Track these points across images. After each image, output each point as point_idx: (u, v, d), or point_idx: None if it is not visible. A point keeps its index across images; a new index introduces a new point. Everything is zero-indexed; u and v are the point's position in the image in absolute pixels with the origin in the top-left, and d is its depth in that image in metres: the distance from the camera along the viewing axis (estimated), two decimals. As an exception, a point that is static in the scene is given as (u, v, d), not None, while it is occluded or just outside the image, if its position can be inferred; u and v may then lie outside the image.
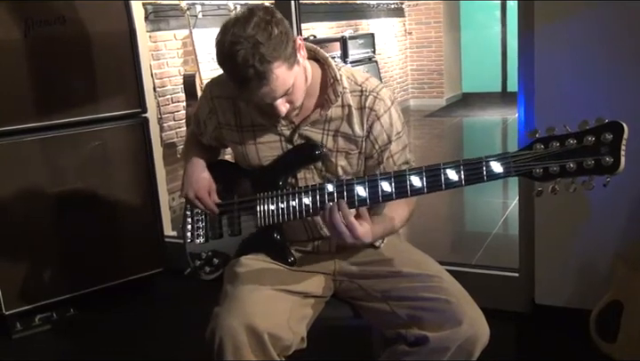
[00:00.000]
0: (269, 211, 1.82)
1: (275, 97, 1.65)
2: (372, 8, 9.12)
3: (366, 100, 1.79)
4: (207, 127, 1.98)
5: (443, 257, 2.43)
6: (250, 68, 1.56)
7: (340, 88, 1.78)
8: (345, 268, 1.90)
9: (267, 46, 1.56)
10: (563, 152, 1.40)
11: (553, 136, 1.41)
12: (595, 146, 1.36)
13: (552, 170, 1.42)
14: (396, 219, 1.80)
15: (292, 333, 1.70)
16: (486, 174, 1.49)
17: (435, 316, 1.67)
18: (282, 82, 1.62)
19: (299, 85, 1.70)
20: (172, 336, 2.98)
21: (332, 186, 1.69)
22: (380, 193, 1.62)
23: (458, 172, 1.53)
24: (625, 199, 2.54)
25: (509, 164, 1.47)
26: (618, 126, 1.35)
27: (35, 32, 2.98)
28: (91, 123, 3.20)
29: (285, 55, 1.60)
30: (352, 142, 1.82)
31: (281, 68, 1.60)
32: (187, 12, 5.00)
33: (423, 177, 1.58)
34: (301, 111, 1.81)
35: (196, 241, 2.04)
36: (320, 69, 1.82)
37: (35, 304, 3.13)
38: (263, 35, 1.56)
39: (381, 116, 1.80)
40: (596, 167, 1.36)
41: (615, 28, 2.44)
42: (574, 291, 2.72)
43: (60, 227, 3.17)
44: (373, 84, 1.82)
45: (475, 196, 5.44)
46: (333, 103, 1.79)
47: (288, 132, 1.84)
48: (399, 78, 9.86)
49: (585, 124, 1.38)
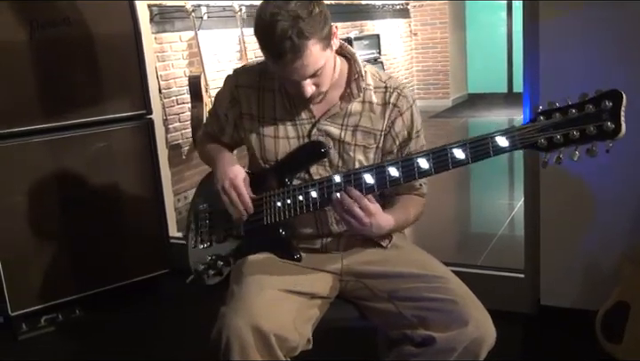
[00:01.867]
0: (276, 208, 1.84)
1: (305, 74, 1.68)
2: (378, 9, 9.11)
3: (390, 97, 1.84)
4: (228, 119, 1.98)
5: (448, 258, 2.43)
6: (287, 41, 1.60)
7: (363, 84, 1.83)
8: (352, 268, 1.90)
9: (306, 22, 1.60)
10: (565, 121, 1.45)
11: (555, 108, 1.46)
12: (596, 113, 1.41)
13: (556, 139, 1.46)
14: (408, 213, 1.85)
15: (298, 335, 1.70)
16: (492, 149, 1.53)
17: (441, 317, 1.67)
18: (314, 60, 1.65)
19: (328, 69, 1.73)
20: (178, 337, 2.98)
21: (339, 177, 1.72)
22: (388, 178, 1.66)
23: (464, 150, 1.56)
24: (631, 199, 2.53)
25: (515, 138, 1.50)
26: (617, 94, 1.41)
27: (40, 34, 2.99)
28: (96, 124, 3.21)
29: (322, 35, 1.64)
30: (371, 136, 1.85)
31: (316, 47, 1.63)
32: (192, 14, 5.01)
33: (430, 159, 1.61)
34: (325, 101, 1.83)
35: (199, 246, 2.04)
36: (347, 64, 1.86)
37: (40, 305, 3.14)
38: (304, 11, 1.60)
39: (404, 113, 1.85)
40: (598, 133, 1.41)
41: (621, 28, 2.44)
42: (580, 292, 2.71)
43: (66, 228, 3.18)
44: (397, 82, 1.88)
45: (480, 198, 5.44)
46: (355, 98, 1.83)
47: (308, 127, 1.86)
48: (405, 79, 9.84)
49: (585, 96, 1.43)
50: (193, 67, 5.27)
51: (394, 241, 1.94)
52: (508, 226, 4.34)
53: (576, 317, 2.65)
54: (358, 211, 1.65)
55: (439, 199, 5.05)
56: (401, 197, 1.90)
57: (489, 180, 5.79)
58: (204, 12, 5.31)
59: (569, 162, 1.47)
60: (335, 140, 1.85)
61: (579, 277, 2.71)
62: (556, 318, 2.76)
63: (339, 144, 1.85)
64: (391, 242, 1.93)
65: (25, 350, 3.03)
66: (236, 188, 1.85)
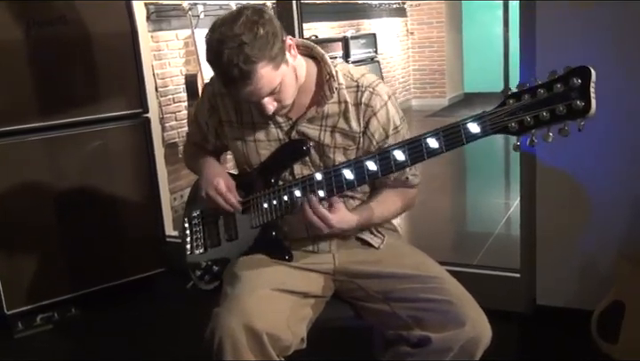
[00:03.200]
0: (263, 209, 1.85)
1: (260, 96, 1.68)
2: (374, 8, 9.11)
3: (362, 96, 1.81)
4: (209, 127, 1.99)
5: (444, 257, 2.43)
6: (234, 68, 1.59)
7: (335, 84, 1.80)
8: (345, 267, 1.90)
9: (251, 46, 1.59)
10: (535, 103, 1.42)
11: (524, 90, 1.44)
12: (565, 92, 1.38)
13: (526, 122, 1.44)
14: (377, 209, 1.84)
15: (291, 334, 1.70)
16: (465, 136, 1.52)
17: (437, 317, 1.67)
18: (267, 81, 1.64)
19: (287, 85, 1.71)
20: (173, 336, 2.98)
21: (320, 175, 1.73)
22: (366, 173, 1.67)
23: (438, 139, 1.56)
24: (627, 198, 2.53)
25: (485, 123, 1.49)
26: (585, 70, 1.37)
27: (36, 32, 2.98)
28: (92, 123, 3.20)
29: (271, 55, 1.62)
30: (349, 138, 1.83)
31: (266, 69, 1.62)
32: (188, 13, 5.01)
33: (405, 150, 1.61)
34: (297, 108, 1.82)
35: (195, 252, 2.06)
36: (316, 67, 1.84)
37: (36, 304, 3.14)
38: (249, 35, 1.59)
39: (378, 112, 1.81)
40: (568, 112, 1.38)
41: (617, 28, 2.44)
42: (576, 291, 2.71)
43: (62, 227, 3.18)
44: (369, 80, 1.83)
45: (476, 197, 5.44)
46: (329, 99, 1.81)
47: (286, 129, 1.85)
48: (401, 78, 9.85)
49: (554, 74, 1.41)
50: (189, 65, 5.27)
51: (388, 241, 1.94)
52: (505, 225, 4.34)
53: (572, 317, 2.65)
54: (317, 221, 1.70)
55: (435, 198, 5.06)
56: (383, 191, 1.90)
57: (485, 180, 5.79)
58: (200, 11, 5.30)
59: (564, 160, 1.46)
60: (314, 143, 1.84)
61: (575, 277, 2.71)
62: (551, 318, 2.76)
63: (318, 146, 1.84)
64: (384, 242, 1.94)
65: (21, 349, 3.02)
66: (220, 194, 1.88)
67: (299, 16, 3.24)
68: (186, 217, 2.11)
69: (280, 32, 1.66)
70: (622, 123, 2.42)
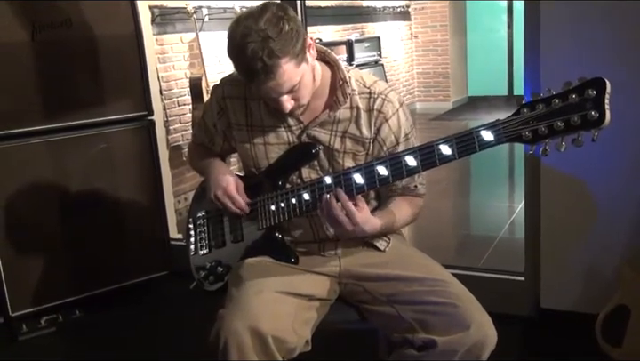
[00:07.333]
0: (270, 212, 1.85)
1: (280, 92, 1.68)
2: (379, 11, 9.12)
3: (374, 103, 1.81)
4: (217, 130, 1.99)
5: (449, 260, 2.43)
6: (258, 62, 1.59)
7: (348, 90, 1.80)
8: (350, 271, 1.89)
9: (276, 42, 1.59)
10: (549, 113, 1.43)
11: (538, 99, 1.45)
12: (579, 103, 1.39)
13: (540, 131, 1.44)
14: (397, 215, 1.83)
15: (296, 336, 1.70)
16: (478, 144, 1.52)
17: (442, 321, 1.67)
18: (288, 77, 1.65)
19: (306, 83, 1.72)
20: (177, 339, 2.98)
21: (329, 178, 1.72)
22: (377, 177, 1.66)
23: (451, 146, 1.56)
24: (631, 203, 2.53)
25: (499, 131, 1.50)
26: (600, 82, 1.37)
27: (42, 35, 2.99)
28: (97, 125, 3.21)
29: (294, 52, 1.63)
30: (359, 144, 1.83)
31: (289, 64, 1.62)
32: (193, 16, 5.02)
33: (417, 156, 1.61)
34: (310, 111, 1.83)
35: (199, 253, 2.05)
36: (330, 71, 1.84)
37: (40, 306, 3.14)
38: (274, 30, 1.60)
39: (389, 119, 1.82)
40: (582, 123, 1.39)
41: (623, 30, 2.43)
42: (580, 295, 2.71)
43: (66, 229, 3.18)
44: (382, 87, 1.84)
45: (481, 200, 5.43)
46: (342, 105, 1.81)
47: (297, 133, 1.85)
48: (405, 81, 9.85)
49: (568, 85, 1.42)
50: (194, 68, 5.28)
51: (393, 244, 1.94)
52: (509, 229, 4.34)
53: (576, 321, 2.64)
54: (343, 217, 1.64)
55: (440, 202, 5.06)
56: (396, 199, 1.89)
57: (490, 183, 5.79)
58: (205, 14, 5.31)
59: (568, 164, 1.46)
60: (324, 147, 1.84)
61: (579, 280, 2.71)
62: (556, 321, 2.75)
63: (328, 151, 1.84)
64: (389, 245, 1.93)
65: (25, 351, 3.02)
66: (229, 196, 1.88)
67: (303, 19, 3.24)
68: (190, 217, 2.10)
69: (302, 30, 1.67)
70: (628, 127, 2.41)
